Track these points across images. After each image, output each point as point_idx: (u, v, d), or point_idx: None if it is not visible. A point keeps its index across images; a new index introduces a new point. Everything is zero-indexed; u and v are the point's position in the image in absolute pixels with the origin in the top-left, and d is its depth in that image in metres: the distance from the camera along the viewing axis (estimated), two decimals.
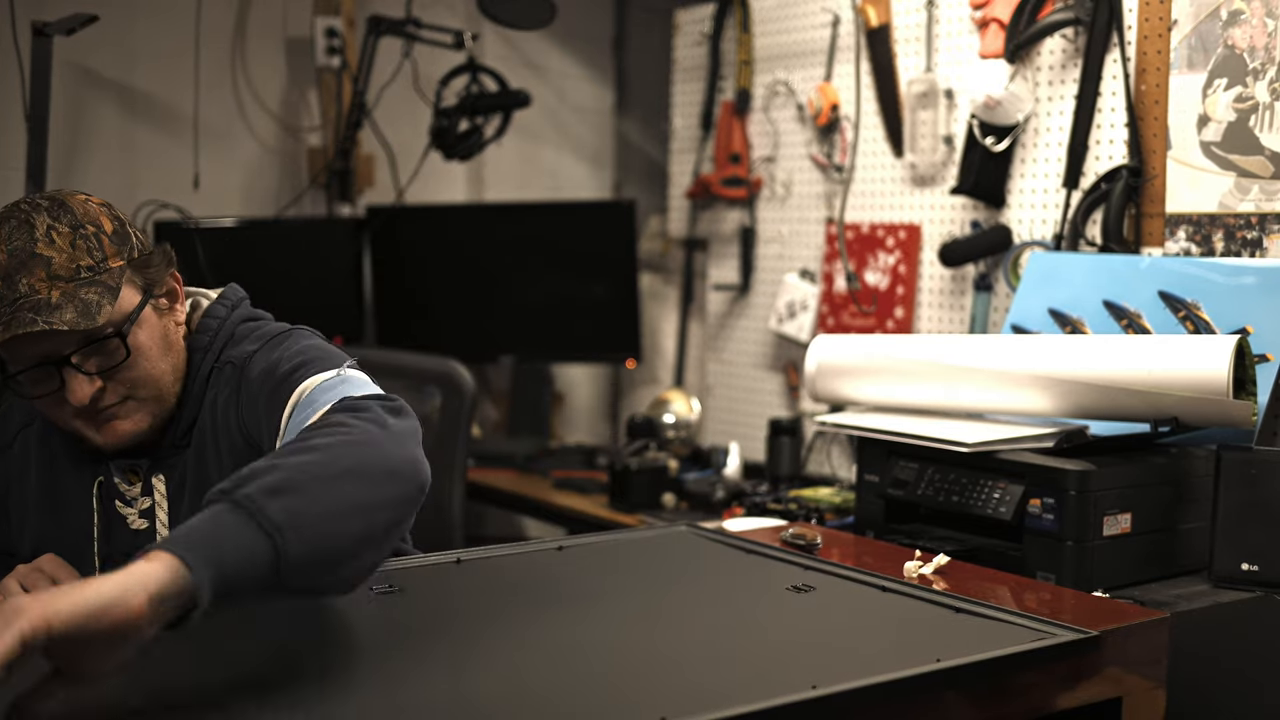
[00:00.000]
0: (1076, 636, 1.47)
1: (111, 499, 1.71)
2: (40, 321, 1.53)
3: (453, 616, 1.52)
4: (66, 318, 1.54)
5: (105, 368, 1.61)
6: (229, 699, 1.28)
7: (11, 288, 1.55)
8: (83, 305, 1.56)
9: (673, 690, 1.31)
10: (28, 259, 1.56)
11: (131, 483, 1.71)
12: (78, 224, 1.61)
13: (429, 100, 3.46)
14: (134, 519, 1.70)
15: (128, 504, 1.71)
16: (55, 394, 1.61)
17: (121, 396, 1.64)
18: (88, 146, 3.29)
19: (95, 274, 1.59)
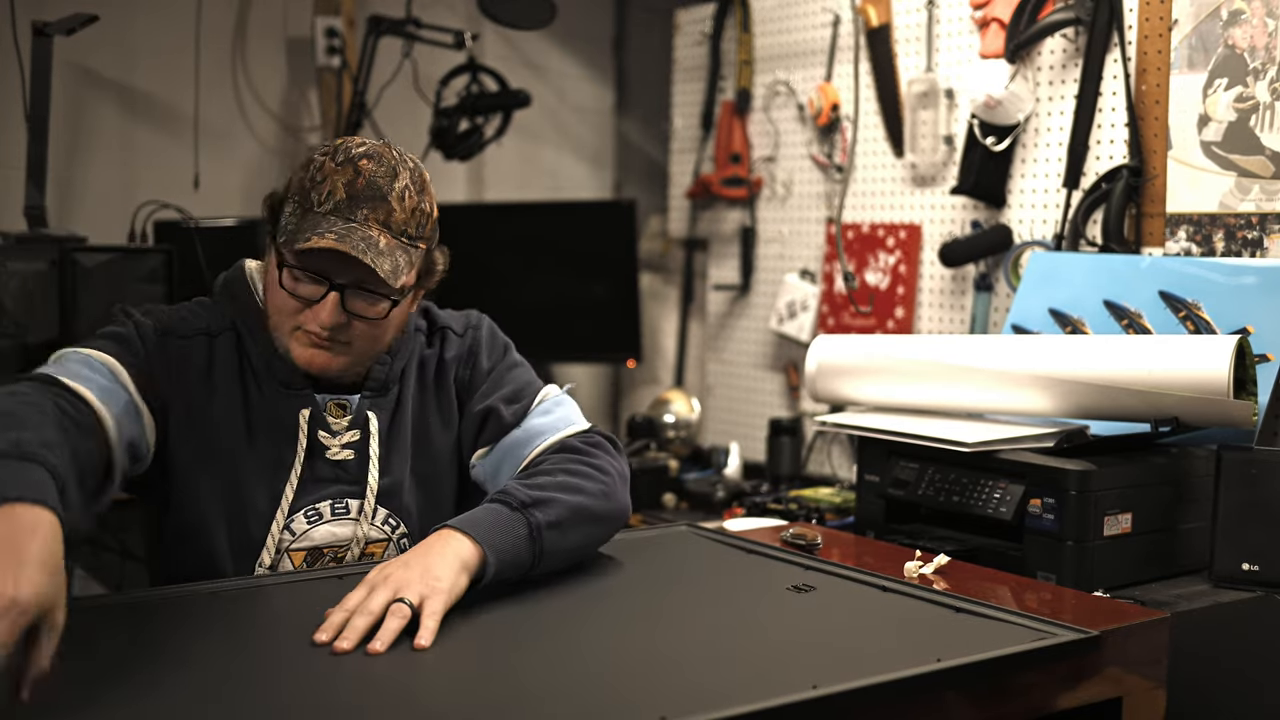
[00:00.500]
0: (1077, 636, 1.47)
1: (316, 429, 1.80)
2: (369, 256, 1.68)
3: (453, 616, 1.52)
4: (385, 267, 1.69)
5: (360, 314, 1.74)
6: (223, 694, 1.28)
7: (353, 210, 1.70)
8: (396, 265, 1.71)
9: (673, 690, 1.31)
10: (378, 197, 1.71)
11: (338, 416, 1.81)
12: (423, 198, 1.77)
13: (429, 100, 3.46)
14: (335, 449, 1.81)
15: (333, 435, 1.81)
16: (306, 302, 1.72)
17: (346, 339, 1.75)
18: (88, 146, 3.29)
19: (411, 244, 1.75)
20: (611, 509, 1.78)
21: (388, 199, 1.71)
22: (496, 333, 2.01)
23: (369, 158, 1.73)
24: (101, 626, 1.48)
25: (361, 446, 1.82)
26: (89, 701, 1.26)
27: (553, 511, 1.67)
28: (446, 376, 1.91)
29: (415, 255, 1.76)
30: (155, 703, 1.27)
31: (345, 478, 1.80)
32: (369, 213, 1.70)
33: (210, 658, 1.40)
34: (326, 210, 1.69)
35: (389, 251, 1.70)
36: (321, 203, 1.70)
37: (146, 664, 1.37)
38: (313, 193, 1.70)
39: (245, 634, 1.50)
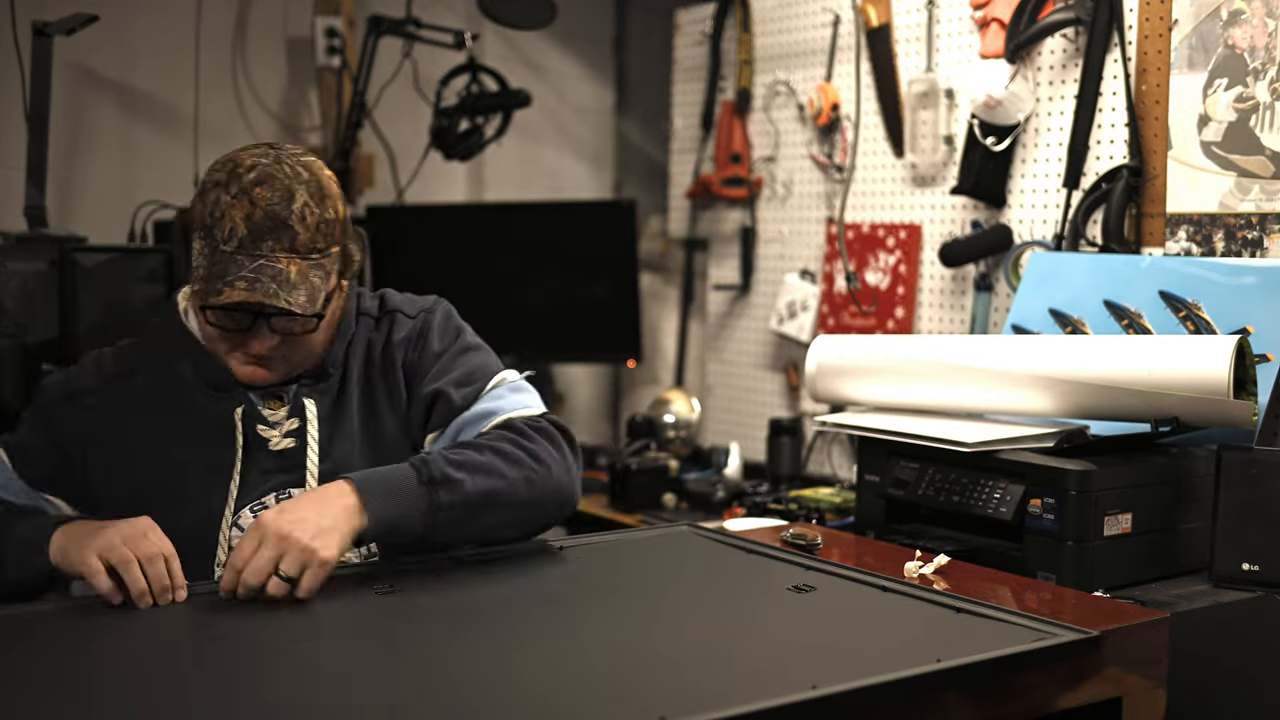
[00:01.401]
0: (1077, 636, 1.47)
1: (253, 424, 1.82)
2: (282, 298, 1.69)
3: (453, 616, 1.52)
4: (299, 299, 1.71)
5: (290, 332, 1.77)
6: (228, 695, 1.28)
7: (256, 245, 1.70)
8: (310, 289, 1.73)
9: (672, 690, 1.31)
10: (279, 226, 1.71)
11: (274, 408, 1.84)
12: (325, 207, 1.76)
13: (429, 100, 3.46)
14: (276, 440, 1.83)
15: (272, 426, 1.83)
16: (235, 332, 1.75)
17: (282, 355, 1.79)
18: (88, 146, 3.29)
19: (323, 256, 1.75)
20: (537, 496, 1.79)
21: (289, 224, 1.72)
22: (452, 316, 1.99)
23: (262, 183, 1.72)
24: (80, 629, 1.49)
25: (301, 434, 1.83)
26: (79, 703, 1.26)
27: (460, 493, 1.71)
28: (394, 358, 1.91)
29: (329, 264, 1.77)
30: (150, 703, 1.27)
31: (288, 466, 1.82)
32: (273, 244, 1.71)
33: (198, 659, 1.40)
34: (232, 249, 1.70)
35: (300, 280, 1.72)
36: (226, 239, 1.71)
37: (125, 666, 1.37)
38: (215, 229, 1.72)
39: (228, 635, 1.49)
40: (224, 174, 1.75)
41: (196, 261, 1.73)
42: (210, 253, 1.72)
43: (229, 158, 1.77)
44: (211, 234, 1.72)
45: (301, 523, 1.59)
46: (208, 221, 1.72)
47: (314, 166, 1.79)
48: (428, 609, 1.59)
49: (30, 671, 1.36)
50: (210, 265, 1.71)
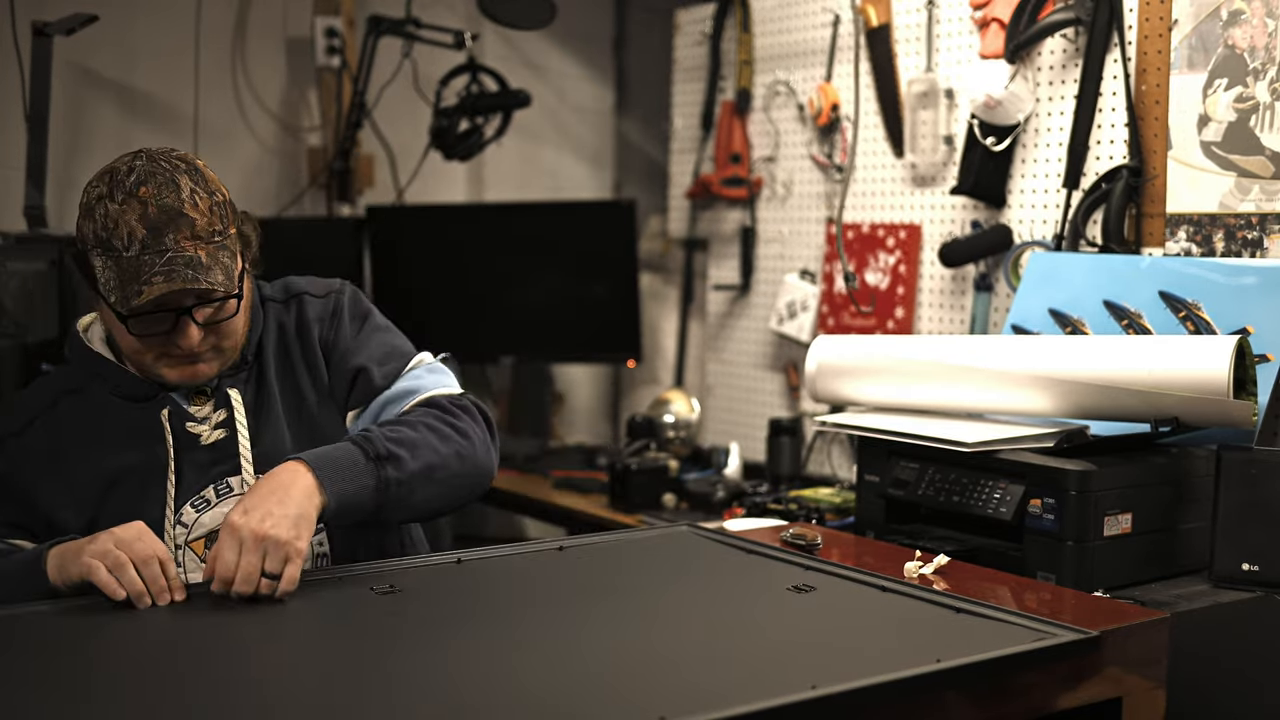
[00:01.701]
0: (1077, 637, 1.47)
1: (181, 423, 1.84)
2: (203, 280, 1.72)
3: (453, 616, 1.52)
4: (218, 279, 1.74)
5: (213, 320, 1.80)
6: (225, 694, 1.28)
7: (159, 240, 1.71)
8: (225, 269, 1.75)
9: (672, 690, 1.31)
10: (176, 216, 1.73)
11: (200, 404, 1.87)
12: (212, 190, 1.78)
13: (429, 100, 3.46)
14: (207, 434, 1.85)
15: (199, 422, 1.85)
16: (160, 336, 1.77)
17: (211, 345, 1.81)
18: (88, 146, 3.29)
19: (223, 239, 1.78)
20: (467, 470, 1.86)
21: (184, 213, 1.73)
22: (361, 297, 2.05)
23: (145, 183, 1.73)
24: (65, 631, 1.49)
25: (230, 424, 1.86)
26: None
27: (405, 469, 1.77)
28: (310, 336, 1.96)
29: (232, 245, 1.80)
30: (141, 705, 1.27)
31: (222, 457, 1.84)
32: (174, 235, 1.72)
33: (194, 659, 1.40)
34: (136, 252, 1.71)
35: (211, 261, 1.75)
36: (127, 246, 1.71)
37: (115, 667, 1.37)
38: (113, 240, 1.72)
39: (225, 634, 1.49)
40: (104, 186, 1.74)
41: (103, 278, 1.73)
42: (114, 264, 1.72)
43: (103, 171, 1.77)
44: (110, 246, 1.72)
45: (271, 518, 1.62)
46: (103, 235, 1.72)
47: (188, 157, 1.80)
48: (427, 609, 1.59)
49: (28, 671, 1.36)
50: (120, 274, 1.72)
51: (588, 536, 1.98)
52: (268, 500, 1.65)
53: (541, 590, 1.68)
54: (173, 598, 1.59)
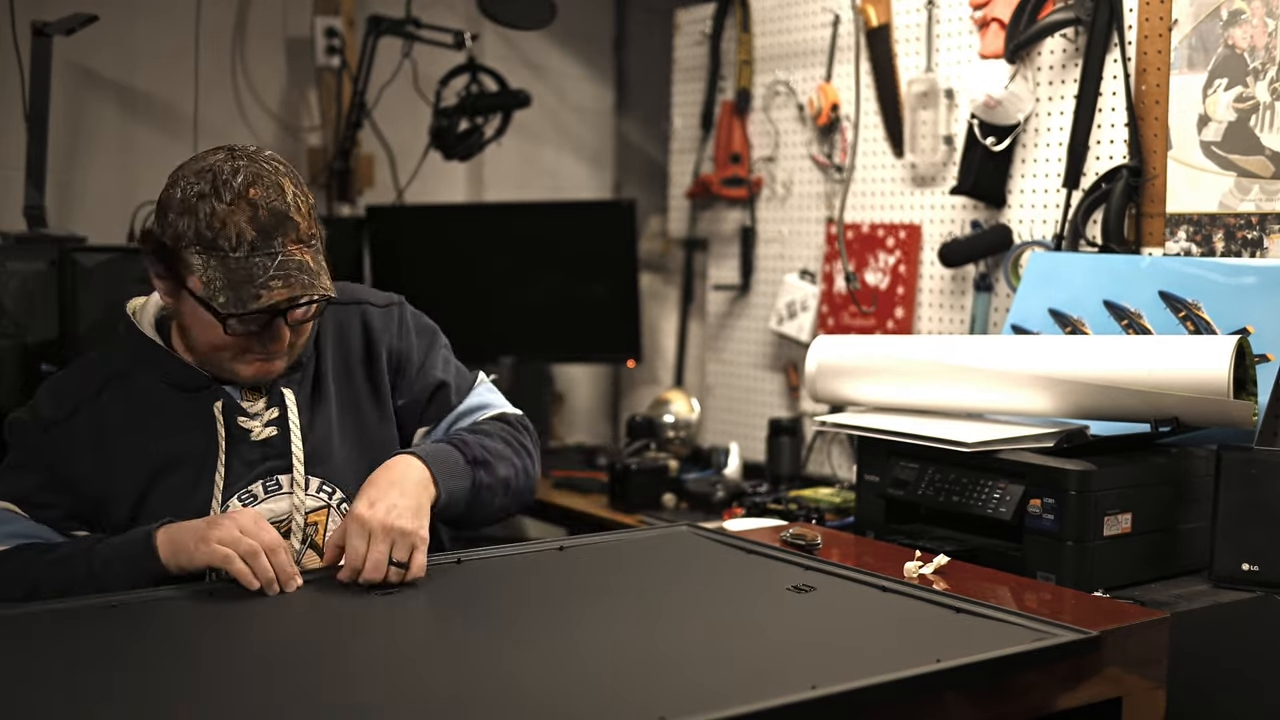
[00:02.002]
0: (1076, 637, 1.47)
1: (234, 417, 1.85)
2: (317, 288, 1.74)
3: (453, 616, 1.52)
4: (328, 284, 1.77)
5: (300, 322, 1.82)
6: (231, 692, 1.28)
7: (268, 243, 1.72)
8: (326, 273, 1.79)
9: (671, 690, 1.31)
10: (284, 220, 1.74)
11: (252, 400, 1.87)
12: (306, 194, 1.81)
13: (429, 100, 3.46)
14: (258, 430, 1.85)
15: (251, 418, 1.85)
16: (254, 334, 1.78)
17: (291, 344, 1.83)
18: (88, 146, 3.29)
19: (319, 241, 1.81)
20: (527, 486, 1.97)
21: (290, 216, 1.75)
22: (420, 313, 2.09)
23: (254, 185, 1.73)
24: (83, 627, 1.49)
25: (282, 422, 1.86)
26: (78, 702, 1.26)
27: (493, 475, 1.87)
28: (377, 345, 1.98)
29: (322, 245, 1.83)
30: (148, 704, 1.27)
31: (272, 454, 1.85)
32: (283, 239, 1.74)
33: (195, 658, 1.40)
34: (244, 255, 1.72)
35: (316, 266, 1.77)
36: (235, 247, 1.72)
37: (134, 665, 1.37)
38: (219, 239, 1.72)
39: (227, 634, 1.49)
40: (205, 185, 1.73)
41: (205, 276, 1.72)
42: (221, 264, 1.72)
43: (203, 168, 1.75)
44: (215, 245, 1.72)
45: (396, 509, 1.68)
46: (207, 234, 1.72)
47: (279, 157, 1.82)
48: (428, 609, 1.59)
49: (26, 671, 1.36)
50: (229, 275, 1.72)
51: (588, 536, 1.99)
52: (389, 492, 1.70)
53: (541, 590, 1.68)
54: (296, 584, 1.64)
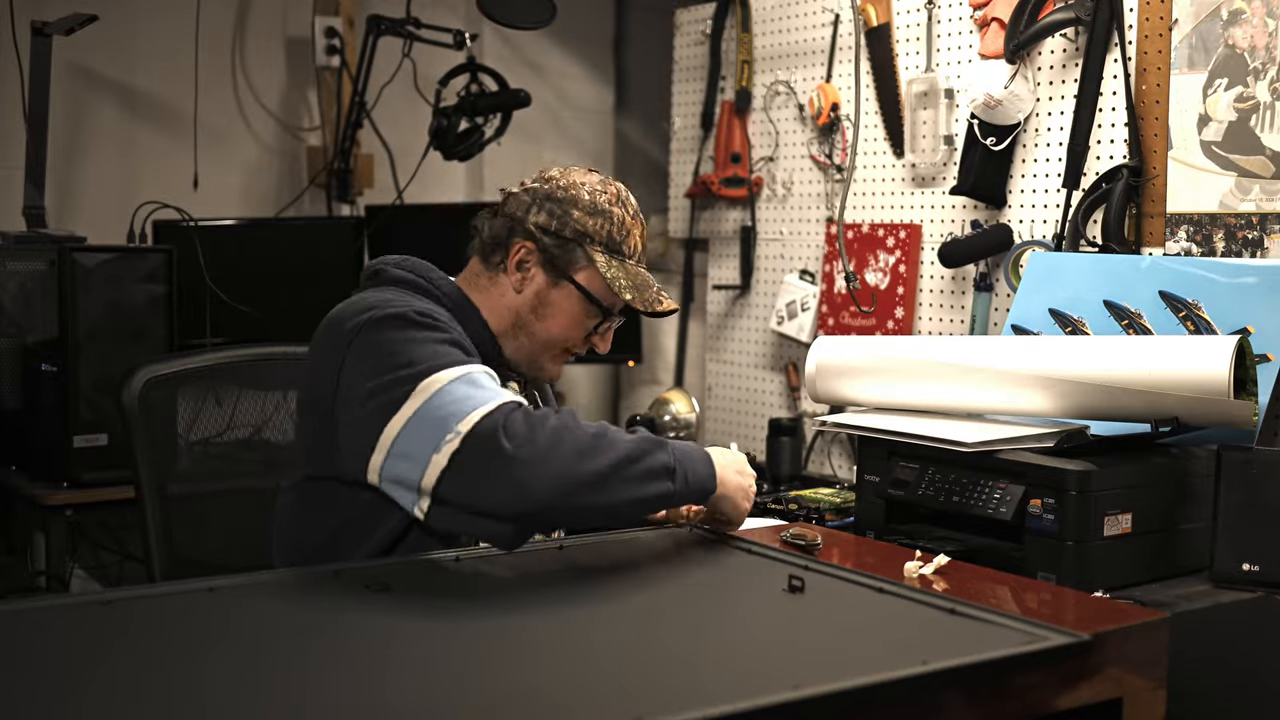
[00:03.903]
0: (1068, 640, 1.46)
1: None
2: (668, 303, 1.97)
3: (446, 614, 1.52)
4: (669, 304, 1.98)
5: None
6: (219, 694, 1.28)
7: (643, 258, 1.99)
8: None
9: (654, 689, 1.30)
10: (646, 244, 2.00)
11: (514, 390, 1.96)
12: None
13: (428, 100, 3.46)
14: None
15: None
16: (594, 334, 1.98)
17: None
18: (88, 146, 3.29)
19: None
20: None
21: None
22: None
23: (639, 209, 1.98)
24: (81, 627, 1.49)
25: None
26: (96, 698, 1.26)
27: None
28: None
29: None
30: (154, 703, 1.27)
31: None
32: (646, 258, 1.99)
33: (185, 656, 1.40)
34: (636, 263, 1.95)
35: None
36: (631, 254, 1.94)
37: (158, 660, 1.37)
38: (623, 246, 1.93)
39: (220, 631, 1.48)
40: (612, 195, 1.95)
41: (609, 273, 1.90)
42: (621, 265, 1.92)
43: (598, 180, 1.96)
44: (619, 249, 1.93)
45: (743, 475, 1.89)
46: (616, 237, 1.92)
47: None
48: (424, 606, 1.58)
49: (25, 670, 1.36)
50: (631, 278, 1.92)
51: (588, 536, 1.98)
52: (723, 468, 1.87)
53: (540, 589, 1.67)
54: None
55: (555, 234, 1.91)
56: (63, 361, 2.76)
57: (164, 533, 2.12)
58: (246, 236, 3.39)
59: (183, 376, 2.22)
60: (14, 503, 3.04)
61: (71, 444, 2.77)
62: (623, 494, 1.66)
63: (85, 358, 2.76)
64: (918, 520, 2.19)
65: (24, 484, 2.87)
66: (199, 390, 2.28)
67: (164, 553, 2.11)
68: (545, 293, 1.93)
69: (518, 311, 1.94)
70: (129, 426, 2.12)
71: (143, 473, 2.12)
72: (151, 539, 2.10)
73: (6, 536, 3.15)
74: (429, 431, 1.61)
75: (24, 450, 2.94)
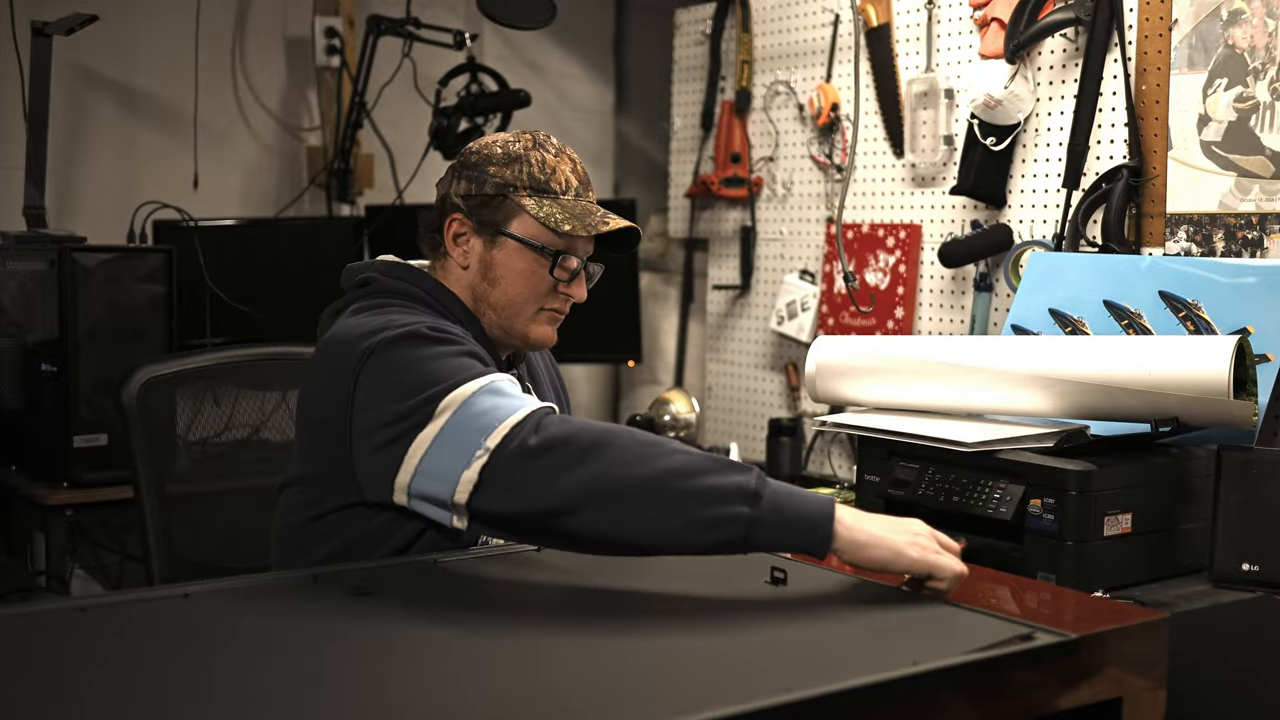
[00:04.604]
0: (1056, 639, 1.45)
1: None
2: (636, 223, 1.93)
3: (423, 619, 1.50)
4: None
5: (589, 279, 1.95)
6: (203, 700, 1.27)
7: (586, 193, 1.91)
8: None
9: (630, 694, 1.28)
10: (588, 179, 1.94)
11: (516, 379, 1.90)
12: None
13: (429, 100, 3.46)
14: None
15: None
16: (565, 279, 1.90)
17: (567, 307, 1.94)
18: (88, 146, 3.29)
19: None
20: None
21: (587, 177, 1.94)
22: None
23: (565, 145, 1.93)
24: (79, 627, 1.48)
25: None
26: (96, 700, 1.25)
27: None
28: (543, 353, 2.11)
29: None
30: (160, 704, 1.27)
31: None
32: (590, 193, 1.92)
33: (163, 661, 1.39)
34: (572, 198, 1.88)
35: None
36: (564, 190, 1.88)
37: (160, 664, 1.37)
38: (551, 183, 1.87)
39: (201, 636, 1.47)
40: (528, 141, 1.89)
41: (542, 213, 1.84)
42: (554, 202, 1.86)
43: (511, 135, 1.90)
44: (548, 188, 1.87)
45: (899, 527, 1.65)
46: (541, 176, 1.86)
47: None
48: (411, 608, 1.56)
49: (23, 671, 1.36)
50: (566, 210, 1.86)
51: None
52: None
53: (522, 592, 1.65)
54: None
55: (477, 195, 1.85)
56: (63, 361, 2.76)
57: (163, 533, 2.12)
58: (246, 236, 3.39)
59: (181, 377, 2.21)
60: (14, 503, 3.04)
61: (71, 444, 2.76)
62: (675, 507, 1.53)
63: (85, 358, 2.76)
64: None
65: (24, 484, 2.87)
66: (198, 390, 2.27)
67: (163, 553, 2.11)
68: (487, 256, 1.86)
69: (472, 287, 1.88)
70: (127, 427, 2.11)
71: (141, 473, 2.11)
72: (150, 539, 2.10)
73: (6, 536, 3.15)
74: (458, 447, 1.57)
75: (24, 450, 2.94)
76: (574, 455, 1.53)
